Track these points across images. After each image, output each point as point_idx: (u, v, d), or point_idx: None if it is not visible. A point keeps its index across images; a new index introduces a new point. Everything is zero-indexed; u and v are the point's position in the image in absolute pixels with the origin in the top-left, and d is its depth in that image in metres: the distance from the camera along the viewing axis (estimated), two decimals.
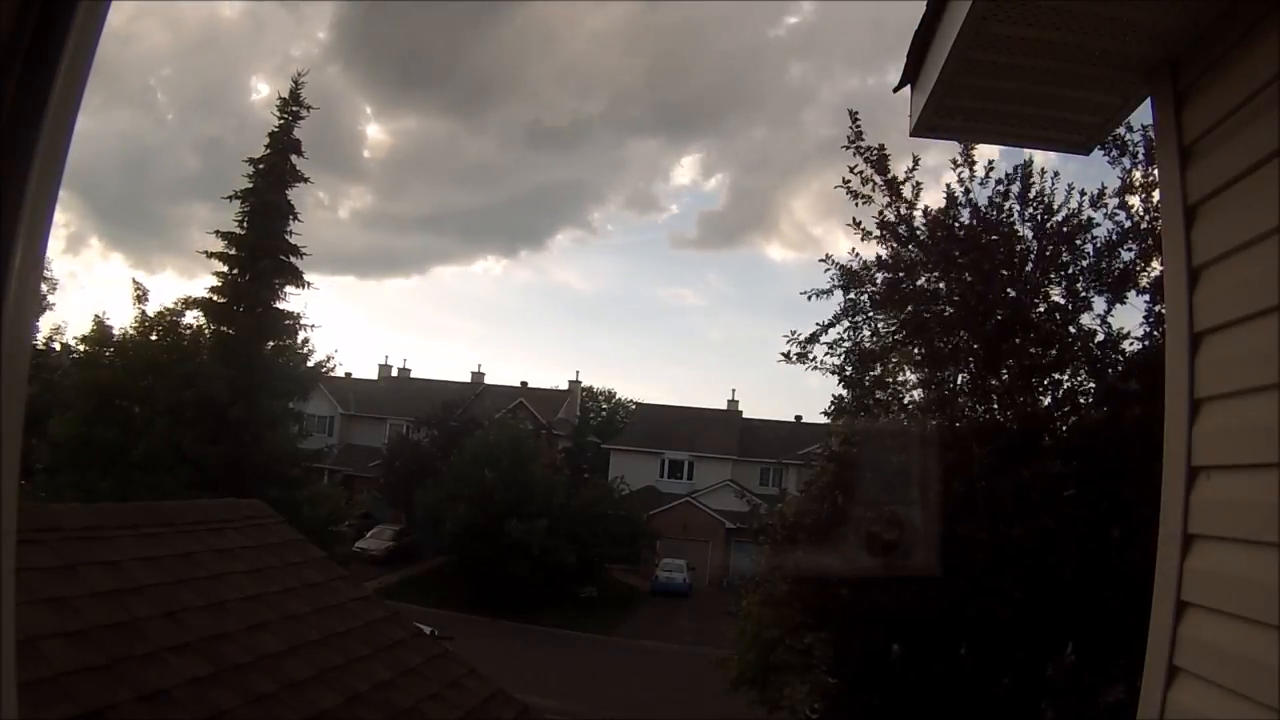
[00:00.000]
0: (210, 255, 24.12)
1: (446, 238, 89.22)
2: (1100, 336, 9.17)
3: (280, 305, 24.56)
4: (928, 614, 8.04)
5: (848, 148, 9.58)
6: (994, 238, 9.37)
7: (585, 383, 56.87)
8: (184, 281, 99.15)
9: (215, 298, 24.13)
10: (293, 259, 24.70)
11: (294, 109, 24.81)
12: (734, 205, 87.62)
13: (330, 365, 27.55)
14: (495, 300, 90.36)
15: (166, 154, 77.94)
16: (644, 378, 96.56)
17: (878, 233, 9.69)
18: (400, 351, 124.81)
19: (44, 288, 29.50)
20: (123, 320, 23.97)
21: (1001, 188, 9.49)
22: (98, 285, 76.58)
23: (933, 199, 9.93)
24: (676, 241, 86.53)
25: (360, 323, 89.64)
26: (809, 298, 9.97)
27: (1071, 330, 9.24)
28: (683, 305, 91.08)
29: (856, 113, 9.58)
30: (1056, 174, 9.58)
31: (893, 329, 9.91)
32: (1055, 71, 2.33)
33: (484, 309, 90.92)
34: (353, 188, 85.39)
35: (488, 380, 50.49)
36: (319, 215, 78.33)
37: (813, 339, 10.00)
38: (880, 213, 9.64)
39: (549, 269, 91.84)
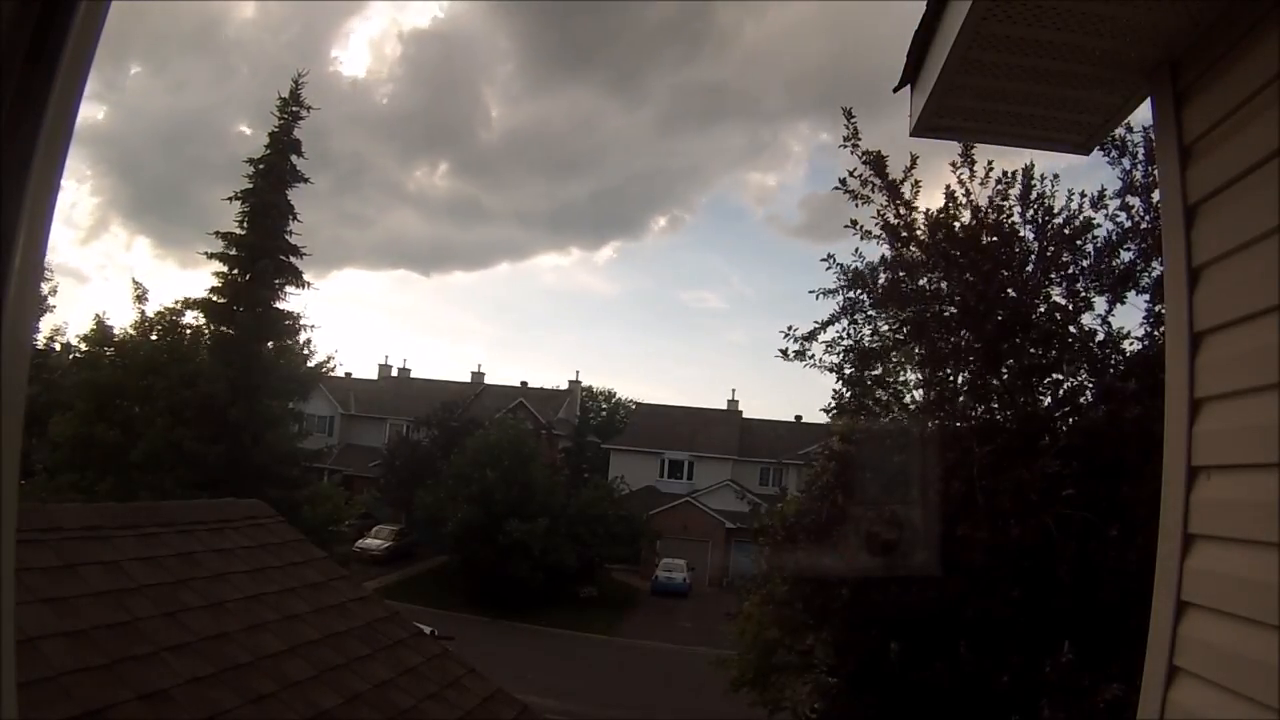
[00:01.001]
0: (210, 255, 24.15)
1: (533, 230, 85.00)
2: (1100, 336, 9.17)
3: (280, 305, 24.58)
4: (927, 613, 8.04)
5: (844, 147, 9.57)
6: (994, 238, 9.37)
7: (585, 382, 56.95)
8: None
9: (215, 298, 24.12)
10: (293, 259, 24.72)
11: (294, 109, 24.80)
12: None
13: (330, 365, 27.58)
14: (525, 301, 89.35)
15: (219, 127, 70.49)
16: (644, 377, 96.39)
17: (878, 233, 9.69)
18: (422, 350, 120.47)
19: (44, 288, 29.49)
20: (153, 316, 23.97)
21: (1002, 188, 9.48)
22: (126, 278, 72.41)
23: (933, 198, 9.93)
24: (783, 229, 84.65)
25: (403, 319, 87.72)
26: (816, 296, 9.98)
27: (1071, 330, 9.24)
28: (703, 307, 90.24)
29: (851, 110, 9.58)
30: (1057, 176, 9.58)
31: (894, 328, 9.91)
32: (1055, 71, 2.33)
33: (509, 308, 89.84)
34: (459, 172, 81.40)
35: (488, 380, 50.51)
36: (390, 204, 73.23)
37: (811, 336, 10.00)
38: (880, 213, 9.64)
39: (590, 268, 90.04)
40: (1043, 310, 9.31)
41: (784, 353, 10.03)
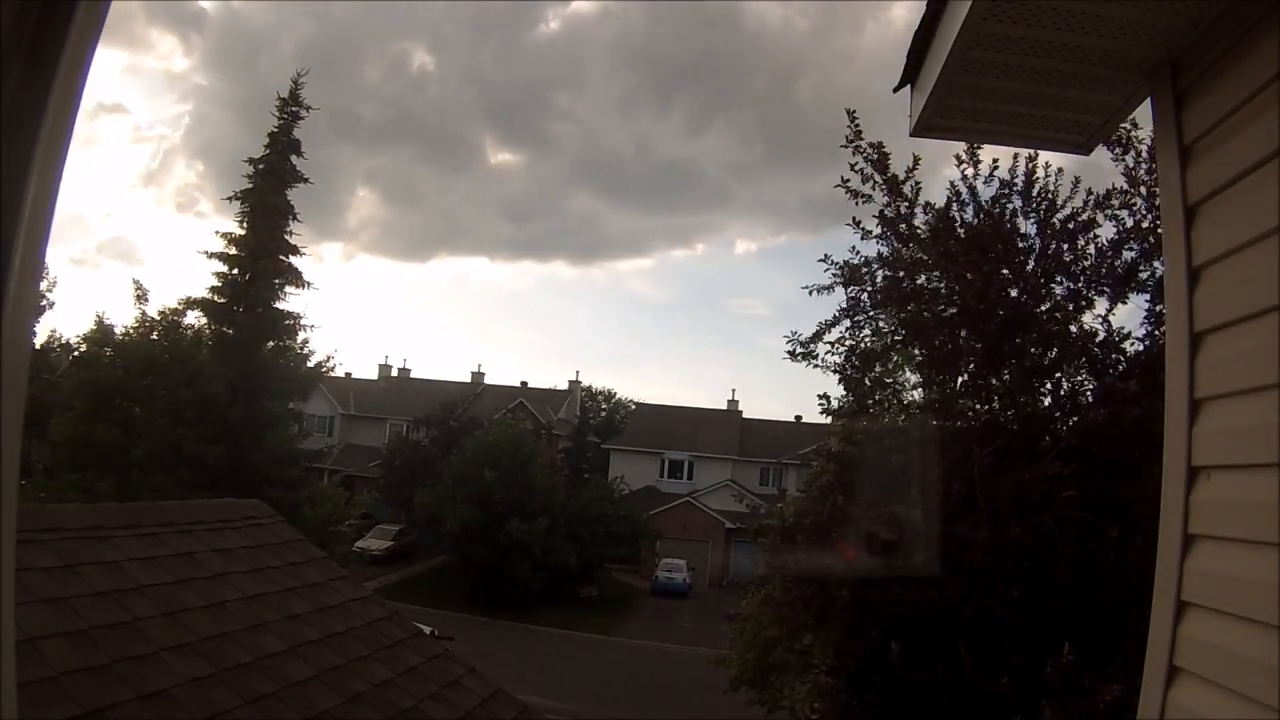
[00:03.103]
0: (210, 255, 24.18)
1: (739, 218, 79.85)
2: (1101, 336, 9.16)
3: (280, 305, 24.60)
4: (927, 614, 8.03)
5: (846, 146, 9.56)
6: (997, 236, 9.35)
7: (585, 382, 56.97)
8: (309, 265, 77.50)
9: (215, 298, 24.15)
10: (292, 259, 24.75)
11: (293, 109, 24.80)
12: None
13: (330, 365, 27.60)
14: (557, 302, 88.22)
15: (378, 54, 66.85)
16: (645, 377, 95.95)
17: (878, 230, 9.68)
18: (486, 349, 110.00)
19: (43, 287, 29.47)
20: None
21: (1005, 190, 9.46)
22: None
23: (933, 196, 9.88)
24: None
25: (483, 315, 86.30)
26: (810, 293, 9.98)
27: (1072, 330, 9.23)
28: (749, 314, 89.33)
29: (855, 112, 9.58)
30: (1060, 170, 9.53)
31: (893, 328, 9.90)
32: (1055, 71, 2.33)
33: (553, 311, 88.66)
34: (732, 136, 76.10)
35: (488, 380, 50.50)
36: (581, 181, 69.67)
37: (816, 337, 9.98)
38: (881, 211, 9.63)
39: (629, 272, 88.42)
40: (1044, 309, 9.30)
41: (791, 354, 10.04)
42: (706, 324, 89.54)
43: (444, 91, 74.76)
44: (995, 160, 9.47)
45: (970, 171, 9.44)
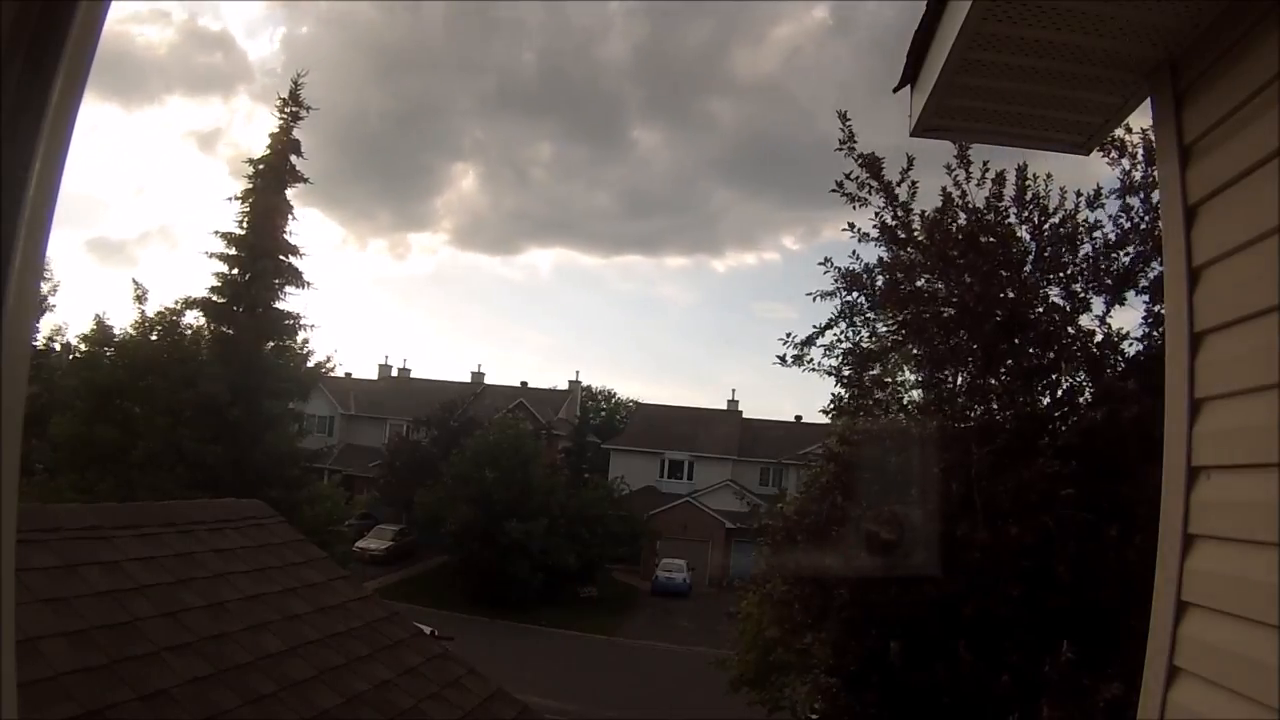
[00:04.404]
0: (210, 255, 24.18)
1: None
2: (1099, 337, 9.17)
3: (280, 305, 24.59)
4: (927, 613, 8.04)
5: (840, 150, 9.56)
6: (991, 239, 9.36)
7: (585, 382, 56.95)
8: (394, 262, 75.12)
9: (215, 298, 24.15)
10: (292, 259, 24.74)
11: (293, 109, 24.80)
12: None
13: (330, 365, 27.60)
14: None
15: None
16: (649, 377, 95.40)
17: (875, 234, 9.68)
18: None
19: (43, 287, 29.46)
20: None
21: (997, 189, 9.46)
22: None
23: (930, 199, 9.87)
24: None
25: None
26: (814, 299, 9.96)
27: (1070, 331, 9.23)
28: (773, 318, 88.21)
29: (847, 114, 9.57)
30: (1050, 175, 9.54)
31: (891, 330, 9.90)
32: (1055, 71, 2.33)
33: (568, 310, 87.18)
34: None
35: (488, 380, 50.48)
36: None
37: (809, 341, 9.97)
38: (877, 214, 9.63)
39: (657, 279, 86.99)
40: (1041, 311, 9.30)
41: (782, 359, 10.01)
42: (721, 325, 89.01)
43: (596, 56, 69.23)
44: (986, 163, 9.46)
45: (962, 175, 9.44)
